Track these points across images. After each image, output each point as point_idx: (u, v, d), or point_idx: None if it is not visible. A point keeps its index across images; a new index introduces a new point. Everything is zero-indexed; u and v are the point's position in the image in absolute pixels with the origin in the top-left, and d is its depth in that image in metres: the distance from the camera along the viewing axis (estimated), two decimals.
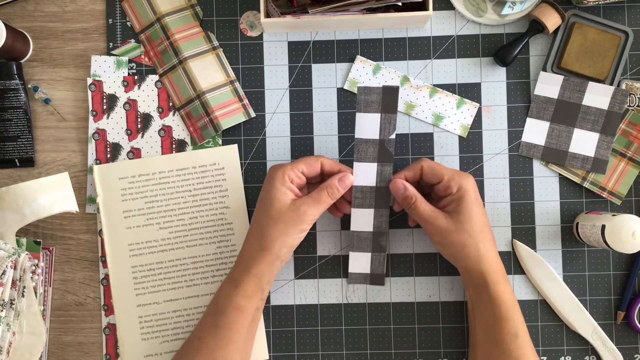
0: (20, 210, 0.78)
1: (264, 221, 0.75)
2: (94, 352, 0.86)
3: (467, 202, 0.75)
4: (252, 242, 0.76)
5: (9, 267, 0.75)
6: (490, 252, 0.77)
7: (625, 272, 0.85)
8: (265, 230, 0.75)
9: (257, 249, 0.75)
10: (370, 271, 0.85)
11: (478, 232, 0.76)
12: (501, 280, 0.76)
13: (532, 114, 0.86)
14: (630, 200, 0.86)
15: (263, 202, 0.76)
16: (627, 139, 0.85)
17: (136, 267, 0.85)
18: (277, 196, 0.75)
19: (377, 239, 0.83)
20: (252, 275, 0.75)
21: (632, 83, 0.85)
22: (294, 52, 0.87)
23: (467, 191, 0.76)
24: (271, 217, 0.75)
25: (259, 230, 0.76)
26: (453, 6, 0.86)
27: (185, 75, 0.85)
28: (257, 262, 0.75)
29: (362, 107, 0.77)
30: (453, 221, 0.76)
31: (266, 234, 0.75)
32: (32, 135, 0.87)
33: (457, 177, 0.76)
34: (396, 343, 0.85)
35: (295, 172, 0.76)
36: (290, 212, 0.75)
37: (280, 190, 0.75)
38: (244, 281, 0.75)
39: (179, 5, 0.86)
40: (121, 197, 0.85)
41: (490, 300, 0.76)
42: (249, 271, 0.75)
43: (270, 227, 0.75)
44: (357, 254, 0.84)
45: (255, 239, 0.76)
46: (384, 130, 0.78)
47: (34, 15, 0.87)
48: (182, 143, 0.87)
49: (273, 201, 0.75)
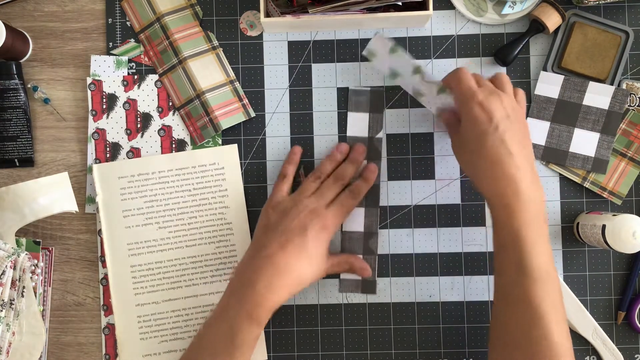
0: (19, 210, 0.78)
1: (302, 269, 0.75)
2: (94, 352, 0.86)
3: (460, 104, 0.74)
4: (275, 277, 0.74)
5: (8, 267, 0.75)
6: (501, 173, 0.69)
7: (625, 272, 0.85)
8: (303, 279, 0.75)
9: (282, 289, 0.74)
10: (362, 277, 0.85)
11: (474, 146, 0.71)
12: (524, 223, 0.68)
13: (532, 113, 0.86)
14: (630, 200, 0.85)
15: (306, 250, 0.75)
16: (627, 138, 0.85)
17: (135, 267, 0.85)
18: (318, 260, 0.76)
19: (367, 241, 0.84)
20: (271, 310, 0.74)
21: (632, 83, 0.85)
22: (294, 52, 0.87)
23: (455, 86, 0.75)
24: (311, 270, 0.76)
25: (292, 275, 0.74)
26: (453, 6, 0.86)
27: (185, 74, 0.85)
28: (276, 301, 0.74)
29: (352, 106, 0.85)
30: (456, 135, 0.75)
31: (303, 281, 0.75)
32: (32, 135, 0.87)
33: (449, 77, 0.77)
34: (396, 343, 0.85)
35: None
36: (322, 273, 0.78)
37: (321, 258, 0.77)
38: (264, 319, 0.73)
39: (178, 4, 0.86)
40: (120, 197, 0.85)
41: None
42: (270, 309, 0.73)
43: (308, 278, 0.76)
44: None
45: (282, 278, 0.74)
46: (372, 128, 0.84)
47: (34, 15, 0.87)
48: (182, 143, 0.86)
49: (318, 260, 0.76)
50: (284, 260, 0.74)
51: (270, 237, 0.76)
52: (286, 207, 0.79)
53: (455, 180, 0.86)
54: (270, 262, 0.74)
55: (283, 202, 0.80)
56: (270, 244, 0.75)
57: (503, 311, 0.71)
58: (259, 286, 0.73)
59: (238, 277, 0.76)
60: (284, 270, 0.73)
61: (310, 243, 0.75)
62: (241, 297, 0.73)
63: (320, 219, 0.77)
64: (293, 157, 0.84)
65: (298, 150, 0.85)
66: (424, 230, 0.86)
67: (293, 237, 0.75)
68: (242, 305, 0.72)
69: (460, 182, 0.86)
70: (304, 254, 0.75)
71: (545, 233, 0.70)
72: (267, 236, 0.77)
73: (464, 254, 0.86)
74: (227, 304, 0.74)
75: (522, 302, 0.68)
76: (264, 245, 0.76)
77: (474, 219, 0.86)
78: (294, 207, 0.78)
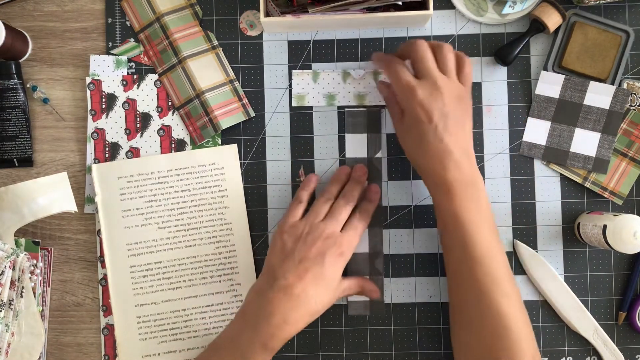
0: (18, 211, 0.78)
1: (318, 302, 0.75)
2: (93, 353, 0.86)
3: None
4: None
5: (7, 267, 0.75)
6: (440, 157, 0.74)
7: (626, 272, 0.85)
8: (319, 308, 0.75)
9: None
10: (370, 298, 0.85)
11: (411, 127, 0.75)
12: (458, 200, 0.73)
13: (533, 113, 0.85)
14: (631, 200, 0.85)
15: (324, 279, 0.75)
16: (628, 138, 0.85)
17: (134, 267, 0.84)
18: (334, 287, 0.76)
19: (373, 261, 0.84)
20: (286, 340, 0.74)
21: (633, 82, 0.84)
22: (294, 52, 0.87)
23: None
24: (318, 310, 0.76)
25: (309, 306, 0.74)
26: (453, 5, 0.86)
27: (184, 74, 0.85)
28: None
29: (350, 128, 0.85)
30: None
31: (320, 310, 0.75)
32: (31, 135, 0.86)
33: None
34: (396, 344, 0.85)
35: None
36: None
37: (336, 285, 0.77)
38: (277, 348, 0.73)
39: (178, 4, 0.86)
40: (120, 197, 0.85)
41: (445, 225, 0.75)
42: (285, 339, 0.73)
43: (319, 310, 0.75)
44: None
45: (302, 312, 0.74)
46: (370, 149, 0.85)
47: (33, 14, 0.87)
48: (182, 142, 0.86)
49: (334, 287, 0.76)
50: (303, 291, 0.73)
51: (288, 266, 0.75)
52: (302, 231, 0.77)
53: None
54: (288, 293, 0.73)
55: (298, 226, 0.78)
56: (288, 274, 0.74)
57: (454, 290, 0.76)
58: (275, 319, 0.72)
59: (252, 305, 0.74)
60: (302, 301, 0.73)
61: (328, 271, 0.75)
62: (256, 326, 0.72)
63: (337, 246, 0.76)
64: (309, 185, 0.83)
65: (314, 179, 0.84)
66: (424, 230, 0.85)
67: (311, 266, 0.74)
68: (257, 335, 0.72)
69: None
70: (322, 283, 0.74)
71: (486, 214, 0.74)
72: (284, 265, 0.75)
73: None
74: (240, 332, 0.73)
75: (467, 280, 0.73)
76: (281, 275, 0.74)
77: None
78: (310, 233, 0.77)
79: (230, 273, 0.85)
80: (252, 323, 0.73)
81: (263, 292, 0.75)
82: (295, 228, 0.78)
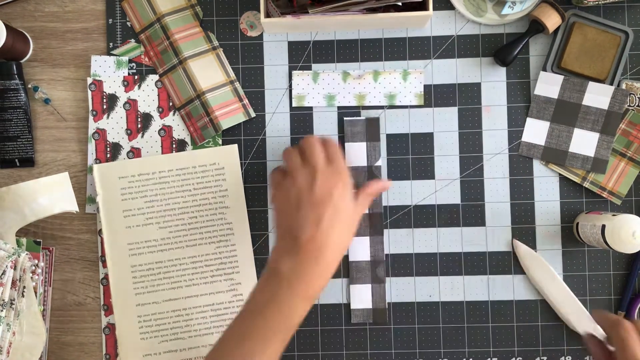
0: (20, 210, 0.78)
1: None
2: (94, 352, 0.86)
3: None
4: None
5: (8, 267, 0.75)
6: None
7: (625, 272, 0.85)
8: (347, 244, 0.74)
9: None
10: (372, 306, 0.85)
11: None
12: None
13: (532, 113, 0.86)
14: (630, 200, 0.85)
15: (338, 215, 0.73)
16: (627, 138, 0.85)
17: (135, 267, 0.85)
18: (353, 216, 0.75)
19: (374, 269, 0.84)
20: (324, 287, 0.73)
21: (632, 83, 0.85)
22: (294, 52, 0.87)
23: None
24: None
25: (336, 248, 0.73)
26: (453, 6, 0.86)
27: (185, 75, 0.85)
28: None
29: (349, 137, 0.86)
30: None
31: (348, 245, 0.75)
32: (32, 135, 0.87)
33: None
34: (396, 343, 0.85)
35: None
36: None
37: (354, 214, 0.75)
38: (318, 295, 0.73)
39: (179, 5, 0.86)
40: (121, 197, 0.85)
41: None
42: (322, 287, 0.73)
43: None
44: (357, 287, 0.85)
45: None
46: (370, 156, 0.85)
47: (34, 15, 0.88)
48: (182, 143, 0.87)
49: (352, 216, 0.75)
50: (327, 236, 0.72)
51: (302, 220, 0.72)
52: (291, 183, 0.74)
53: (455, 180, 0.86)
54: (312, 243, 0.71)
55: (285, 181, 0.76)
56: (305, 225, 0.72)
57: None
58: (307, 270, 0.71)
59: (280, 264, 0.72)
60: (329, 246, 0.72)
61: (341, 205, 0.73)
62: (291, 282, 0.71)
63: (334, 177, 0.73)
64: None
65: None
66: (424, 230, 0.86)
67: (324, 209, 0.72)
68: (295, 290, 0.70)
69: (460, 182, 0.86)
70: (342, 218, 0.73)
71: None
72: (297, 219, 0.73)
73: (463, 254, 0.86)
74: (277, 291, 0.71)
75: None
76: (298, 229, 0.72)
77: (474, 219, 0.86)
78: (304, 179, 0.74)
79: (231, 272, 0.85)
80: (286, 280, 0.71)
81: (287, 250, 0.73)
82: (284, 183, 0.75)
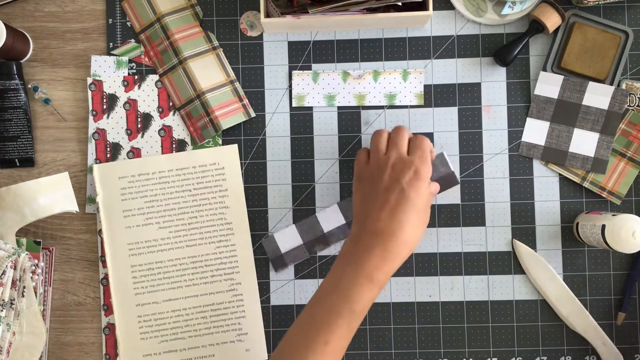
0: (20, 210, 0.78)
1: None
2: (94, 352, 0.86)
3: None
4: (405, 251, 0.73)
5: (8, 267, 0.75)
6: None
7: (625, 271, 0.85)
8: (418, 232, 0.73)
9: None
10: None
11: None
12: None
13: (532, 114, 0.86)
14: (630, 200, 0.85)
15: (406, 201, 0.73)
16: (627, 138, 0.85)
17: (135, 267, 0.85)
18: (424, 206, 0.74)
19: None
20: (391, 273, 0.73)
21: (632, 83, 0.85)
22: (294, 52, 0.87)
23: None
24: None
25: (405, 234, 0.72)
26: (453, 6, 0.86)
27: (185, 75, 0.85)
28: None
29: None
30: None
31: (419, 233, 0.74)
32: (32, 135, 0.87)
33: None
34: (396, 343, 0.85)
35: None
36: None
37: (426, 204, 0.75)
38: (384, 282, 0.72)
39: (179, 5, 0.86)
40: (121, 197, 0.85)
41: None
42: (390, 272, 0.72)
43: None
44: None
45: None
46: (346, 215, 0.85)
47: (34, 15, 0.88)
48: (182, 143, 0.87)
49: (424, 206, 0.74)
50: (390, 222, 0.72)
51: (371, 206, 0.73)
52: (372, 170, 0.76)
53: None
54: (380, 228, 0.72)
55: (367, 168, 0.77)
56: (373, 211, 0.73)
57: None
58: (375, 251, 0.71)
59: (349, 248, 0.73)
60: (394, 232, 0.71)
61: (411, 194, 0.72)
62: (357, 263, 0.71)
63: (408, 167, 0.74)
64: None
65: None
66: None
67: (391, 196, 0.73)
68: (361, 269, 0.70)
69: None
70: (409, 208, 0.72)
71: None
72: (367, 205, 0.74)
73: (463, 254, 0.86)
74: (342, 273, 0.72)
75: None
76: (367, 215, 0.73)
77: (474, 219, 0.86)
78: (379, 167, 0.75)
79: (231, 272, 0.85)
80: (352, 262, 0.71)
81: (357, 235, 0.73)
82: (365, 171, 0.77)
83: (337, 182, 0.87)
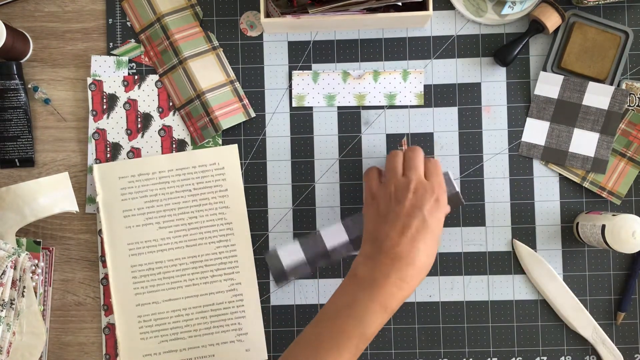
0: (20, 211, 0.78)
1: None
2: (94, 352, 0.86)
3: None
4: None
5: (8, 267, 0.75)
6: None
7: (625, 272, 0.85)
8: (432, 259, 0.73)
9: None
10: None
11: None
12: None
13: (532, 113, 0.86)
14: (630, 200, 0.86)
15: (426, 228, 0.72)
16: (627, 138, 0.85)
17: (135, 267, 0.85)
18: (439, 233, 0.75)
19: None
20: (404, 300, 0.73)
21: (632, 83, 0.85)
22: (294, 52, 0.87)
23: None
24: None
25: (421, 261, 0.72)
26: (453, 6, 0.86)
27: (185, 75, 0.85)
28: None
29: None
30: None
31: (432, 260, 0.73)
32: (32, 135, 0.87)
33: None
34: (396, 343, 0.85)
35: None
36: None
37: (440, 230, 0.75)
38: (395, 308, 0.72)
39: (179, 5, 0.86)
40: (121, 197, 0.85)
41: None
42: (403, 299, 0.72)
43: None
44: None
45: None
46: (350, 232, 0.83)
47: (34, 15, 0.88)
48: (182, 143, 0.87)
49: (439, 233, 0.74)
50: (413, 247, 0.71)
51: (389, 228, 0.73)
52: (390, 191, 0.75)
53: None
54: (398, 253, 0.71)
55: (382, 188, 0.76)
56: (391, 233, 0.72)
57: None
58: (391, 279, 0.70)
59: (364, 270, 0.72)
60: (414, 258, 0.71)
61: (431, 221, 0.72)
62: (372, 289, 0.70)
63: (429, 194, 0.74)
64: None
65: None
66: None
67: (412, 221, 0.72)
68: (375, 297, 0.70)
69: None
70: (428, 235, 0.72)
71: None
72: (385, 227, 0.73)
73: (463, 254, 0.86)
74: (356, 297, 0.71)
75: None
76: (384, 237, 0.72)
77: (474, 219, 0.86)
78: (399, 190, 0.74)
79: (231, 272, 0.85)
80: (368, 287, 0.71)
81: (372, 256, 0.73)
82: (380, 190, 0.76)
83: (337, 182, 0.87)
